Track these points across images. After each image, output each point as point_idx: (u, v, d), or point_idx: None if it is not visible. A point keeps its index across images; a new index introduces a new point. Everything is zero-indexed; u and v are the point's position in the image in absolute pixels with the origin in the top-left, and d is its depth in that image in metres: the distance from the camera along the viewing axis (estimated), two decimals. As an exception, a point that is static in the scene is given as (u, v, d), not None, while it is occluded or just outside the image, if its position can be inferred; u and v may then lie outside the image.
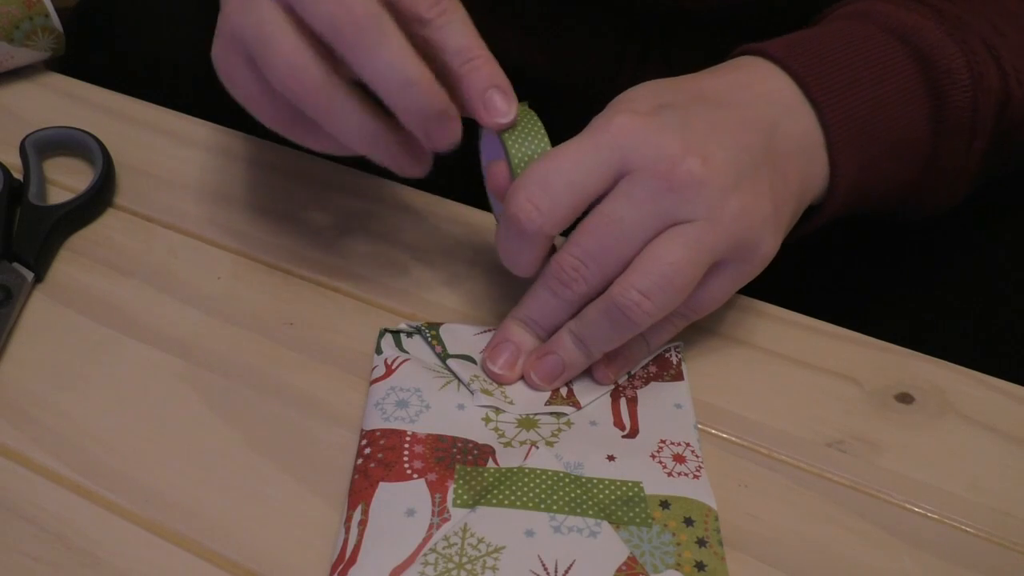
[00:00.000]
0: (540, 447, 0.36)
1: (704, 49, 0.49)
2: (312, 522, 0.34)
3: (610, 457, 0.36)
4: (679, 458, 0.36)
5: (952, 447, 0.38)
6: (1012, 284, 0.48)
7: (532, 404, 0.38)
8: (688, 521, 0.34)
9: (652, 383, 0.39)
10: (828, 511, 0.36)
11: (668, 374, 0.40)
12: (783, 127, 0.38)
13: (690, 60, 0.43)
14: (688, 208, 0.35)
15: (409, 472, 0.34)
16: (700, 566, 0.32)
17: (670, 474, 0.35)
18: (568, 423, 0.38)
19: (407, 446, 0.35)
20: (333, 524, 0.34)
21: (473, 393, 0.38)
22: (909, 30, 0.41)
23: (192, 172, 0.50)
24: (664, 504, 0.34)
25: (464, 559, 0.32)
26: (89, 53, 0.61)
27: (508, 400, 0.38)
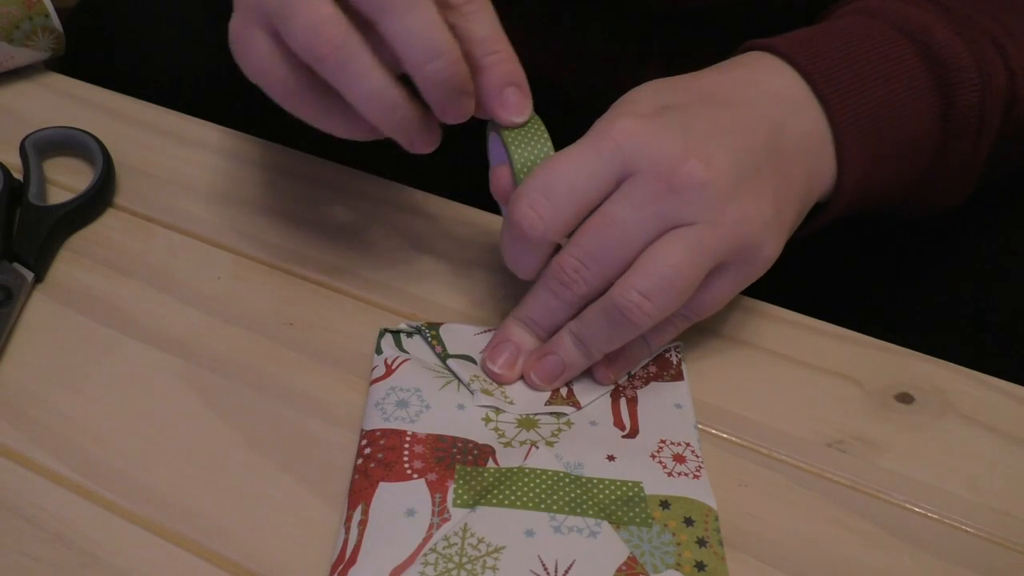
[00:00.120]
0: (540, 447, 0.36)
1: (705, 48, 0.49)
2: (312, 522, 0.34)
3: (610, 457, 0.36)
4: (679, 458, 0.36)
5: (952, 447, 0.38)
6: (1012, 284, 0.48)
7: (532, 404, 0.38)
8: (688, 521, 0.34)
9: (652, 383, 0.39)
10: (828, 511, 0.36)
11: (668, 374, 0.40)
12: (789, 126, 0.38)
13: (690, 59, 0.43)
14: (689, 210, 0.35)
15: (409, 472, 0.34)
16: (700, 566, 0.32)
17: (670, 474, 0.35)
18: (568, 423, 0.38)
19: (407, 446, 0.35)
20: (333, 524, 0.34)
21: (473, 393, 0.38)
22: (918, 28, 0.40)
23: (192, 172, 0.50)
24: (664, 504, 0.34)
25: (464, 559, 0.32)
26: (89, 53, 0.61)
27: (508, 400, 0.38)
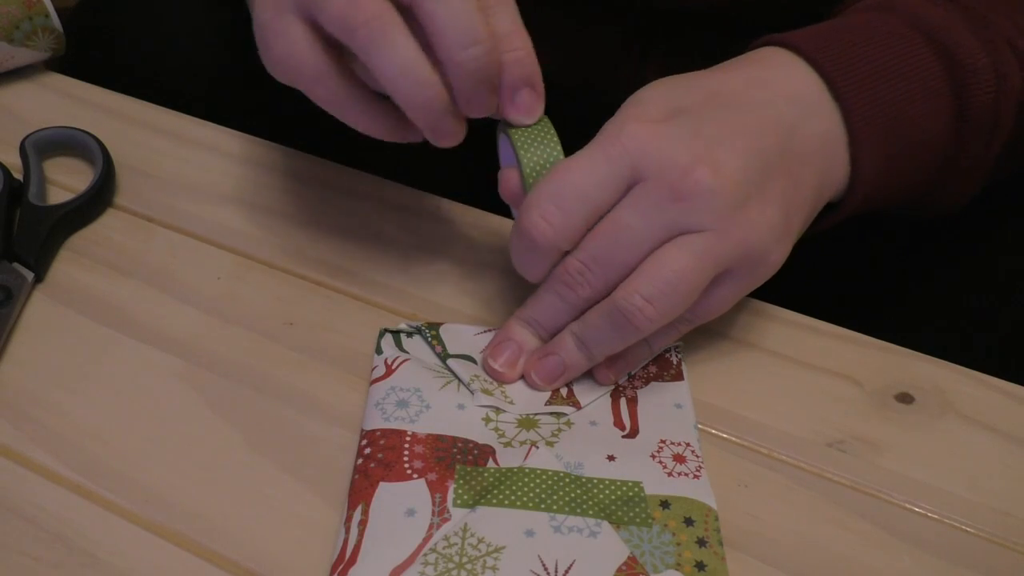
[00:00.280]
0: (540, 447, 0.36)
1: (705, 48, 0.48)
2: (312, 522, 0.34)
3: (610, 457, 0.36)
4: (679, 458, 0.36)
5: (952, 447, 0.38)
6: (1012, 284, 0.48)
7: (532, 404, 0.38)
8: (688, 521, 0.34)
9: (652, 383, 0.39)
10: (828, 511, 0.36)
11: (668, 374, 0.40)
12: (802, 128, 0.38)
13: (691, 59, 0.43)
14: (696, 218, 0.35)
15: (409, 472, 0.34)
16: (700, 566, 0.32)
17: (670, 474, 0.35)
18: (568, 423, 0.38)
19: (407, 446, 0.35)
20: (333, 524, 0.34)
21: (473, 393, 0.38)
22: (935, 28, 0.40)
23: (192, 172, 0.50)
24: (664, 504, 0.34)
25: (464, 559, 0.32)
26: (89, 53, 0.61)
27: (508, 400, 0.38)
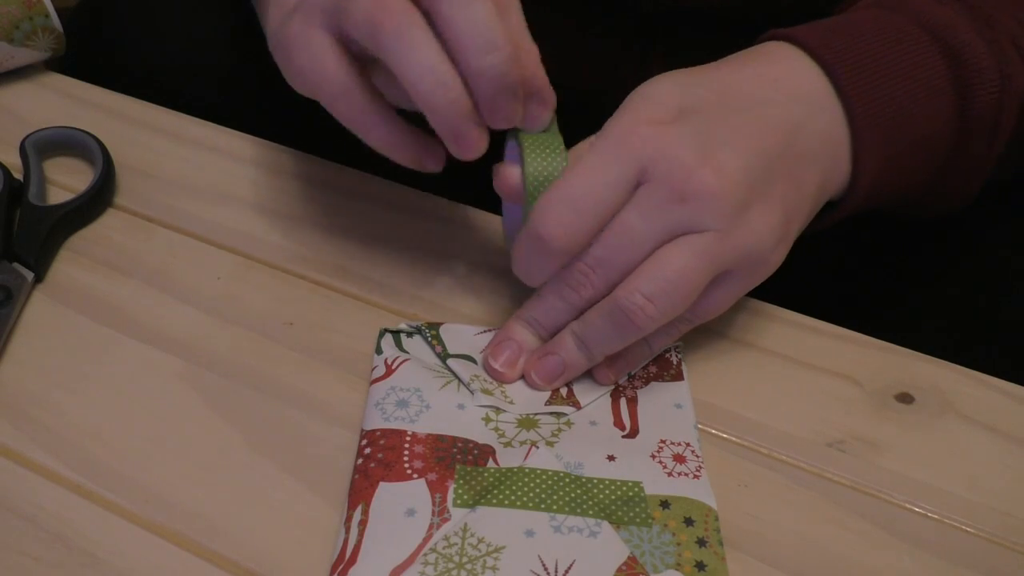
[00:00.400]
0: (540, 447, 0.36)
1: (707, 48, 0.48)
2: (312, 522, 0.34)
3: (610, 457, 0.36)
4: (679, 458, 0.36)
5: (952, 447, 0.38)
6: (1012, 284, 0.48)
7: (532, 404, 0.38)
8: (688, 521, 0.34)
9: (652, 383, 0.39)
10: (828, 511, 0.36)
11: (668, 374, 0.40)
12: (807, 127, 0.38)
13: (692, 59, 0.43)
14: (699, 219, 0.35)
15: (409, 472, 0.34)
16: (700, 566, 0.32)
17: (670, 474, 0.35)
18: (568, 423, 0.38)
19: (407, 446, 0.35)
20: (333, 524, 0.34)
21: (473, 393, 0.38)
22: (942, 27, 0.40)
23: (192, 172, 0.50)
24: (664, 504, 0.34)
25: (464, 559, 0.32)
26: (89, 53, 0.61)
27: (508, 400, 0.38)
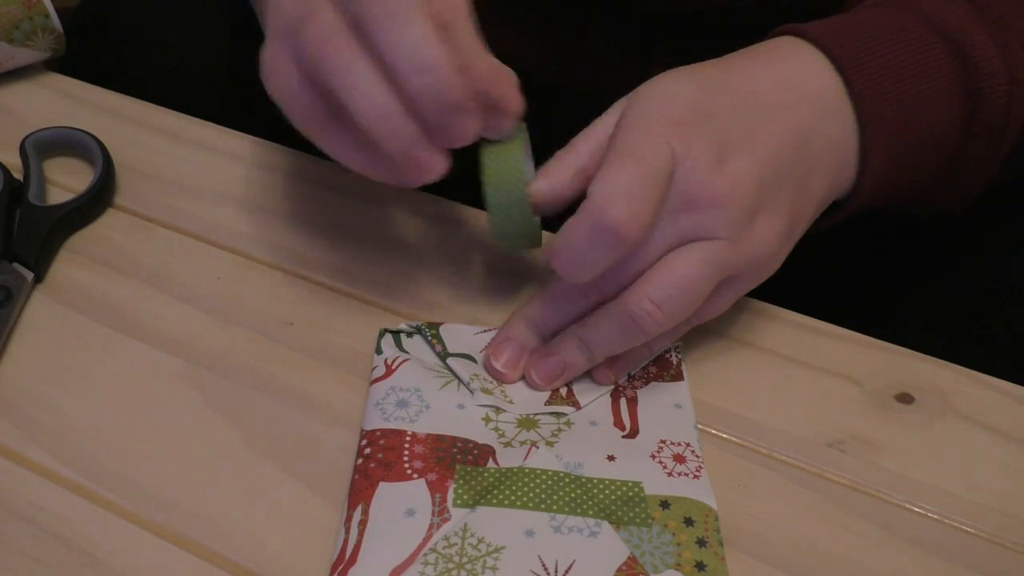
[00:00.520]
0: (540, 447, 0.36)
1: (709, 49, 0.48)
2: (312, 522, 0.34)
3: (610, 457, 0.36)
4: (679, 458, 0.36)
5: (952, 447, 0.38)
6: (1012, 284, 0.48)
7: (532, 404, 0.38)
8: (688, 521, 0.34)
9: (652, 383, 0.39)
10: (828, 511, 0.36)
11: (668, 374, 0.40)
12: (819, 133, 0.38)
13: (694, 60, 0.43)
14: (709, 227, 0.35)
15: (409, 472, 0.34)
16: (700, 566, 0.32)
17: (670, 474, 0.35)
18: (568, 423, 0.38)
19: (407, 446, 0.35)
20: (333, 524, 0.34)
21: (473, 392, 0.38)
22: (953, 29, 0.40)
23: (192, 172, 0.50)
24: (664, 504, 0.34)
25: (464, 559, 0.32)
26: (89, 53, 0.61)
27: (508, 399, 0.38)
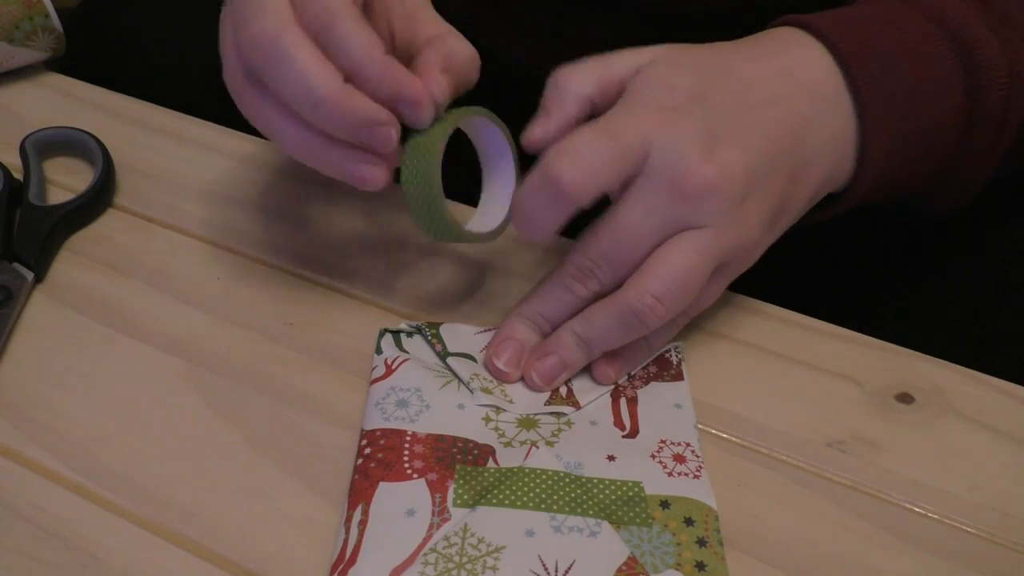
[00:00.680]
0: (540, 447, 0.36)
1: None
2: (312, 522, 0.34)
3: (610, 457, 0.36)
4: (679, 458, 0.36)
5: (952, 447, 0.38)
6: (1012, 284, 0.48)
7: (532, 404, 0.38)
8: (688, 521, 0.34)
9: (652, 383, 0.39)
10: (828, 511, 0.36)
11: (668, 374, 0.40)
12: (817, 126, 0.38)
13: None
14: (699, 216, 0.36)
15: (409, 472, 0.34)
16: (700, 566, 0.32)
17: (670, 474, 0.35)
18: (568, 423, 0.38)
19: (407, 446, 0.35)
20: (333, 524, 0.34)
21: (473, 392, 0.38)
22: (956, 24, 0.40)
23: (192, 172, 0.50)
24: (664, 504, 0.34)
25: (464, 559, 0.32)
26: (89, 53, 0.61)
27: (508, 399, 0.38)
